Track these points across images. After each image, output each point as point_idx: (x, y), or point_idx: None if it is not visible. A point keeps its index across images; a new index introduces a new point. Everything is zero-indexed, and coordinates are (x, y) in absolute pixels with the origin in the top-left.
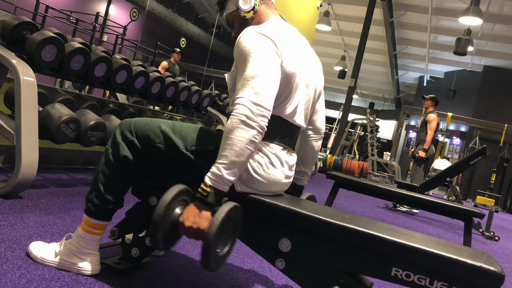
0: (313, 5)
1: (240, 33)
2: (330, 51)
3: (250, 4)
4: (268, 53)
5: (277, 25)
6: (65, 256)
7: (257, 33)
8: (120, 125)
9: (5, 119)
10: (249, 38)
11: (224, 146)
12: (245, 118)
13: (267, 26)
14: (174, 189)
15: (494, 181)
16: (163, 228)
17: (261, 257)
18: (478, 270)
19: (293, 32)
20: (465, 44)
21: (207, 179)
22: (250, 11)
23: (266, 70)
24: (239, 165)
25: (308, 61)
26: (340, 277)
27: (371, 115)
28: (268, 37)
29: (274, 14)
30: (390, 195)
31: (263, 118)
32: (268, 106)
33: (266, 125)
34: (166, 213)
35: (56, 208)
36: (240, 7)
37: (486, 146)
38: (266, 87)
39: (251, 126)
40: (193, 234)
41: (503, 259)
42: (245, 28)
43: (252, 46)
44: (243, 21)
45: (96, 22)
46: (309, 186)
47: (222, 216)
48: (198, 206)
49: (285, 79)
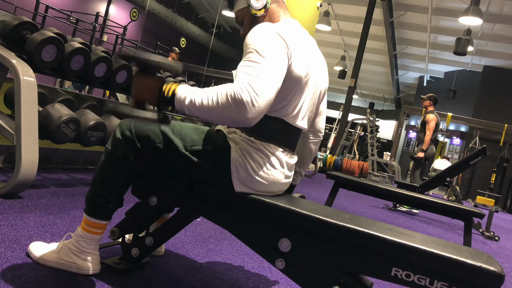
0: (313, 5)
1: (249, 31)
2: (330, 51)
3: (262, 1)
4: (279, 52)
5: (291, 27)
6: (65, 255)
7: (273, 30)
8: (120, 125)
9: (5, 119)
10: (265, 32)
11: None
12: (244, 103)
13: (283, 25)
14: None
15: (494, 181)
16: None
17: (261, 257)
18: (478, 270)
19: (304, 34)
20: (465, 44)
21: (179, 91)
22: (262, 9)
23: (274, 68)
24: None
25: (315, 64)
26: (340, 277)
27: (371, 115)
28: (282, 38)
29: (285, 14)
30: (390, 195)
31: (255, 119)
32: (265, 107)
33: (252, 124)
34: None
35: (56, 208)
36: (251, 4)
37: (486, 146)
38: (271, 86)
39: (241, 117)
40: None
41: (503, 259)
42: (259, 24)
43: (265, 40)
44: (254, 19)
45: (96, 22)
46: (309, 186)
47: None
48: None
49: (291, 82)
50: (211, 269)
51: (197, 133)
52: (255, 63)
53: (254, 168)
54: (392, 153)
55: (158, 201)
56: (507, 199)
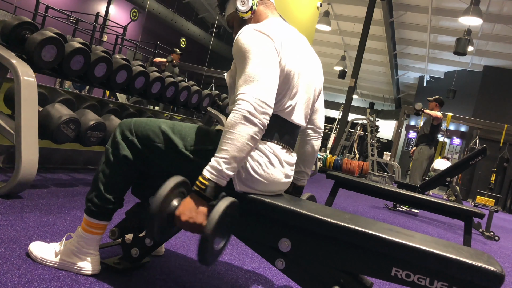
0: (313, 5)
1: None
2: (330, 51)
3: (248, 4)
4: (267, 50)
5: (275, 23)
6: (65, 256)
7: (255, 31)
8: (120, 125)
9: (5, 119)
10: (247, 35)
11: (225, 141)
12: (247, 114)
13: (265, 24)
14: (172, 181)
15: (494, 181)
16: (159, 220)
17: (261, 257)
18: (478, 270)
19: (292, 31)
20: (465, 44)
21: (206, 172)
22: (248, 11)
23: (266, 67)
24: (238, 161)
25: (307, 60)
26: (340, 277)
27: (371, 115)
28: (266, 35)
29: (273, 14)
30: (390, 195)
31: (265, 115)
32: (270, 103)
33: (267, 122)
34: (163, 205)
35: (56, 208)
36: (238, 8)
37: (486, 146)
38: (267, 84)
39: (253, 123)
40: (189, 228)
41: (503, 259)
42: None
43: (250, 43)
44: (242, 21)
45: (96, 22)
46: (309, 186)
47: (220, 213)
48: (195, 199)
49: (284, 77)
50: (211, 269)
51: (198, 133)
52: (247, 71)
53: (254, 167)
54: (392, 153)
55: None
56: (507, 199)
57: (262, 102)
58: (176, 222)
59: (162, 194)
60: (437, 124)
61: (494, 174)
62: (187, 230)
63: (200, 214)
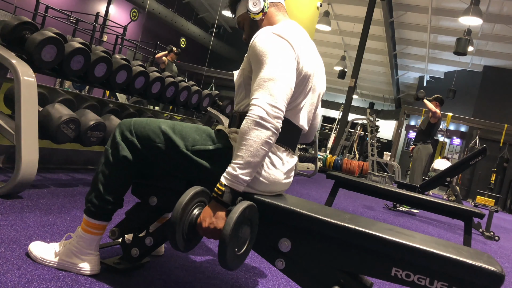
0: (313, 5)
1: (250, 34)
2: (330, 51)
3: (260, 5)
4: (284, 55)
5: (292, 27)
6: (65, 256)
7: (274, 34)
8: (120, 125)
9: (5, 119)
10: (266, 39)
11: (240, 147)
12: (259, 119)
13: (283, 27)
14: (190, 191)
15: (494, 181)
16: (181, 229)
17: (261, 257)
18: (478, 270)
19: (306, 35)
20: (465, 44)
21: (223, 178)
22: (259, 12)
23: (282, 72)
24: (254, 165)
25: (317, 66)
26: (340, 277)
27: (371, 115)
28: (285, 39)
29: (285, 17)
30: (390, 195)
31: (278, 120)
32: (282, 108)
33: (281, 126)
34: (183, 214)
35: (56, 208)
36: (249, 8)
37: (486, 146)
38: (282, 89)
39: (266, 127)
40: (211, 234)
41: (503, 259)
42: (258, 30)
43: (268, 47)
44: (253, 23)
45: (96, 22)
46: (309, 186)
47: (236, 216)
48: (213, 206)
49: (299, 80)
50: (211, 269)
51: (198, 133)
52: (262, 75)
53: None
54: (392, 153)
55: (158, 201)
56: (507, 199)
57: (275, 107)
58: (198, 230)
59: (181, 203)
60: (435, 122)
61: (494, 174)
62: (209, 237)
63: (219, 219)
